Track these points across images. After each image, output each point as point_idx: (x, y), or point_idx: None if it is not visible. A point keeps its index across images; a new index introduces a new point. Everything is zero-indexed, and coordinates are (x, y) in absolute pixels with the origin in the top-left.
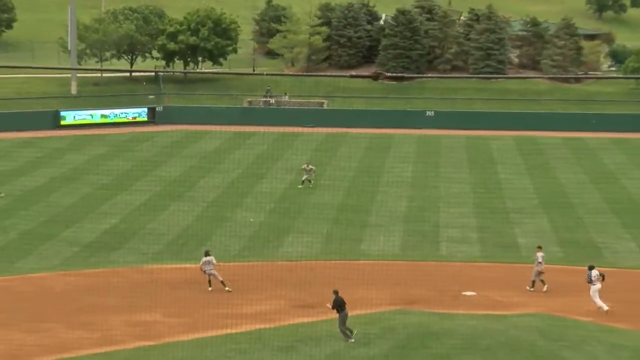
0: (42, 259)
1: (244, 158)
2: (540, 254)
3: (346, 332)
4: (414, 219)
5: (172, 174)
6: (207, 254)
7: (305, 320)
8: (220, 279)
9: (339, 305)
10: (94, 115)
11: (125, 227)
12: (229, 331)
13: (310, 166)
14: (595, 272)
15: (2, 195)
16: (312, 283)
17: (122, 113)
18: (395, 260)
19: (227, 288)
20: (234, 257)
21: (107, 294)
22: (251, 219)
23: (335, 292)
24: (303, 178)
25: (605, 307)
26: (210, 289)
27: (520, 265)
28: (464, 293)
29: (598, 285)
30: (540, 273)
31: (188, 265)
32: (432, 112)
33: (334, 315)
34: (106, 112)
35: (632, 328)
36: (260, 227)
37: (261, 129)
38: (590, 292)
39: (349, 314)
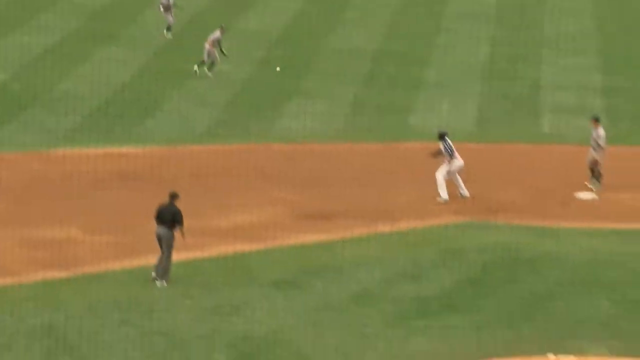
0: None
1: None
2: None
3: (160, 269)
4: (499, 75)
5: None
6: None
7: (316, 238)
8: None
9: (161, 222)
10: None
11: (19, 88)
12: (191, 256)
13: None
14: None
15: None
16: (329, 179)
17: None
18: (467, 141)
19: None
20: (200, 135)
21: None
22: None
23: (171, 196)
24: None
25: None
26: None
27: None
28: (578, 195)
29: (460, 162)
30: None
31: (124, 150)
32: None
33: (360, 230)
34: None
35: None
36: (244, 87)
37: None
38: (451, 169)
39: None
